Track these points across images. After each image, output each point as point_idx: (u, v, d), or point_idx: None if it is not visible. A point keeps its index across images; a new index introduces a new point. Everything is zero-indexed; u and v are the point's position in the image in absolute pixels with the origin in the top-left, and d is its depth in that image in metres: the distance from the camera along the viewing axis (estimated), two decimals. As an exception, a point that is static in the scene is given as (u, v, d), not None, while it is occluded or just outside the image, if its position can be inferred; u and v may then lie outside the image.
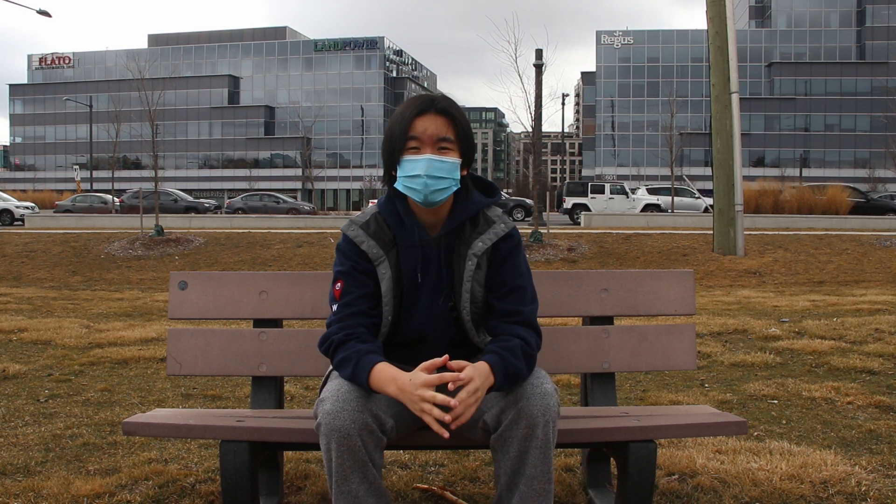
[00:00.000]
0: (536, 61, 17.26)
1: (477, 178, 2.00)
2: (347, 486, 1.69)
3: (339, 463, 1.67)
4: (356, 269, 1.88)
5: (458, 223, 1.90)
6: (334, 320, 1.86)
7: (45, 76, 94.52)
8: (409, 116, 1.81)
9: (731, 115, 13.05)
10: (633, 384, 4.20)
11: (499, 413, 1.73)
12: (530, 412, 1.70)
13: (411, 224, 1.89)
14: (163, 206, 30.87)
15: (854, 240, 15.87)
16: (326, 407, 1.69)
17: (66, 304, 8.95)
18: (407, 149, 1.82)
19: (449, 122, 1.83)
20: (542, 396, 1.71)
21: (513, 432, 1.71)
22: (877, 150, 64.80)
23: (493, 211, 1.94)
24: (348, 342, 1.80)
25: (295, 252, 15.97)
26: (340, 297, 1.87)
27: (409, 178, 1.81)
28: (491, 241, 1.89)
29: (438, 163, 1.80)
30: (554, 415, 1.72)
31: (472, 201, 1.91)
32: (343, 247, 1.91)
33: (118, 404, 3.76)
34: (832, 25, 79.67)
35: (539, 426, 1.70)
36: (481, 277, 1.89)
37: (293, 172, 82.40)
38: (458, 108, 1.86)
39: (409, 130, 1.81)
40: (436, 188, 1.81)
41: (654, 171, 72.86)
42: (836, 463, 2.69)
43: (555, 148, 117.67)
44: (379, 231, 1.89)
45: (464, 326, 1.91)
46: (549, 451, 1.73)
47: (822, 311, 7.17)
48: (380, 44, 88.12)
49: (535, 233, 16.04)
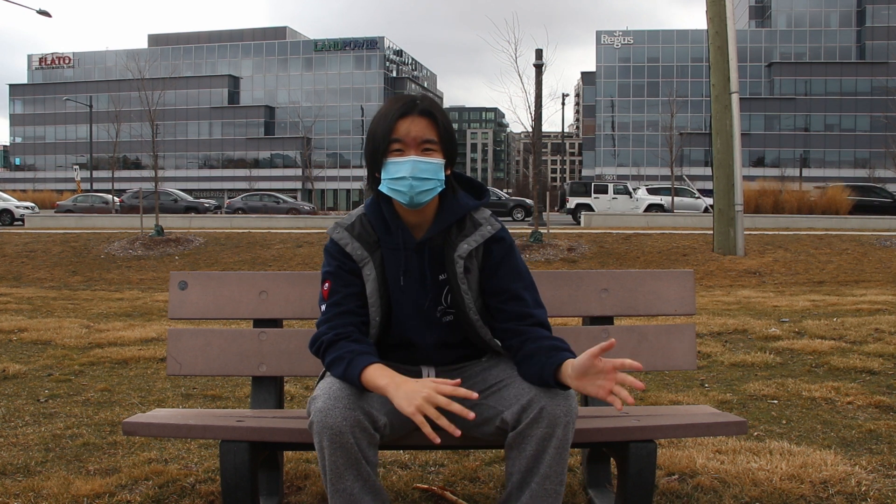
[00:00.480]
0: (536, 61, 17.25)
1: (466, 178, 1.99)
2: (342, 485, 1.69)
3: (332, 461, 1.68)
4: (343, 269, 1.88)
5: (444, 227, 1.89)
6: (323, 320, 1.87)
7: (45, 76, 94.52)
8: (391, 119, 1.81)
9: (731, 115, 13.05)
10: (633, 384, 4.20)
11: (520, 411, 1.74)
12: (553, 412, 1.71)
13: (396, 227, 1.89)
14: (163, 207, 30.86)
15: (854, 240, 15.87)
16: (318, 405, 1.69)
17: (66, 304, 8.95)
18: (391, 151, 1.82)
19: (431, 123, 1.83)
20: (565, 397, 1.73)
21: (532, 431, 1.72)
22: (877, 150, 64.82)
23: (481, 213, 1.93)
24: (339, 342, 1.80)
25: (295, 252, 15.97)
26: (329, 297, 1.88)
27: (393, 181, 1.81)
28: (476, 243, 1.88)
29: (423, 164, 1.80)
30: (574, 416, 1.73)
31: (458, 204, 1.90)
32: (330, 248, 1.92)
33: (118, 404, 3.76)
34: (832, 25, 79.68)
35: (560, 426, 1.71)
36: (472, 281, 1.88)
37: (293, 172, 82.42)
38: (440, 108, 1.86)
39: (393, 133, 1.81)
40: (421, 189, 1.80)
41: (654, 171, 72.87)
42: (836, 463, 2.69)
43: (555, 148, 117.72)
44: (363, 233, 1.90)
45: (473, 327, 1.90)
46: (566, 453, 1.74)
47: (822, 311, 7.17)
48: (380, 44, 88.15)
49: (535, 233, 16.04)
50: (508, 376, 1.85)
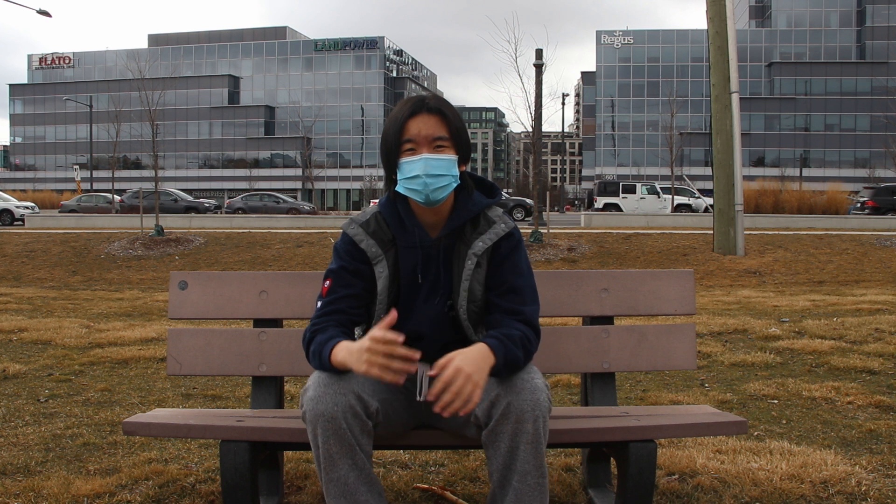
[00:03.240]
0: (536, 61, 17.23)
1: (478, 178, 2.01)
2: (336, 473, 1.70)
3: (325, 448, 1.68)
4: (346, 270, 1.90)
5: (459, 224, 1.91)
6: (313, 317, 1.89)
7: (45, 76, 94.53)
8: (402, 119, 1.83)
9: (731, 114, 13.05)
10: (633, 384, 4.20)
11: (489, 407, 1.73)
12: (520, 407, 1.70)
13: (412, 225, 1.90)
14: (163, 206, 30.91)
15: (854, 240, 15.87)
16: (309, 394, 1.71)
17: (66, 304, 8.96)
18: (403, 151, 1.84)
19: (442, 120, 1.84)
20: (531, 391, 1.71)
21: (503, 427, 1.72)
22: (877, 150, 64.83)
23: (494, 211, 1.96)
24: (315, 338, 1.83)
25: (295, 252, 15.97)
26: (326, 296, 1.90)
27: (408, 180, 1.83)
28: (492, 241, 1.90)
29: (435, 161, 1.81)
30: (544, 410, 1.72)
31: (473, 202, 1.92)
32: (339, 246, 1.93)
33: (118, 404, 3.76)
34: (832, 25, 79.67)
35: (528, 421, 1.70)
36: (481, 276, 1.90)
37: (293, 172, 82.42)
38: (449, 106, 1.88)
39: (404, 133, 1.83)
40: (436, 186, 1.82)
41: (654, 171, 72.87)
42: (836, 463, 2.69)
43: (555, 148, 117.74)
44: (378, 230, 1.91)
45: (460, 325, 1.92)
46: (541, 447, 1.73)
47: (822, 311, 7.17)
48: (380, 44, 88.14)
49: (536, 232, 16.04)
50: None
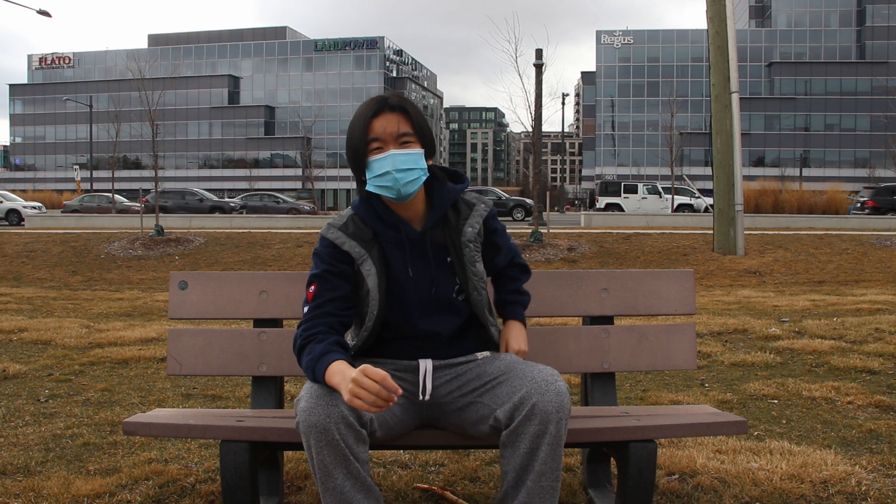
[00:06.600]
0: (536, 61, 17.21)
1: (442, 167, 2.06)
2: (332, 483, 1.70)
3: (319, 459, 1.69)
4: (331, 273, 1.91)
5: (441, 213, 1.95)
6: (301, 323, 1.89)
7: (45, 76, 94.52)
8: (366, 119, 1.87)
9: (731, 114, 13.04)
10: (633, 384, 4.20)
11: (512, 409, 1.76)
12: (545, 409, 1.72)
13: (394, 220, 1.93)
14: (189, 206, 31.19)
15: (854, 239, 15.87)
16: (302, 405, 1.71)
17: (66, 304, 8.96)
18: (371, 150, 1.87)
19: (404, 117, 1.88)
20: (556, 394, 1.75)
21: (525, 428, 1.74)
22: (877, 150, 64.80)
23: (468, 195, 2.03)
24: (307, 345, 1.83)
25: (295, 252, 15.96)
26: (312, 300, 1.90)
27: (378, 178, 1.86)
28: (479, 224, 1.98)
29: (403, 156, 1.85)
30: (567, 413, 1.75)
31: (448, 189, 1.98)
32: (320, 251, 1.94)
33: (118, 404, 3.76)
34: (832, 25, 79.66)
35: (552, 423, 1.73)
36: (480, 257, 1.99)
37: (293, 172, 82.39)
38: (410, 103, 1.92)
39: (369, 133, 1.86)
40: (406, 180, 1.85)
41: (654, 171, 72.84)
42: (836, 463, 2.69)
43: (555, 148, 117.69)
44: (358, 231, 1.93)
45: (462, 310, 1.98)
46: (560, 449, 1.76)
47: (822, 311, 7.17)
48: (380, 44, 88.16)
49: (536, 232, 16.03)
50: (503, 373, 1.87)
